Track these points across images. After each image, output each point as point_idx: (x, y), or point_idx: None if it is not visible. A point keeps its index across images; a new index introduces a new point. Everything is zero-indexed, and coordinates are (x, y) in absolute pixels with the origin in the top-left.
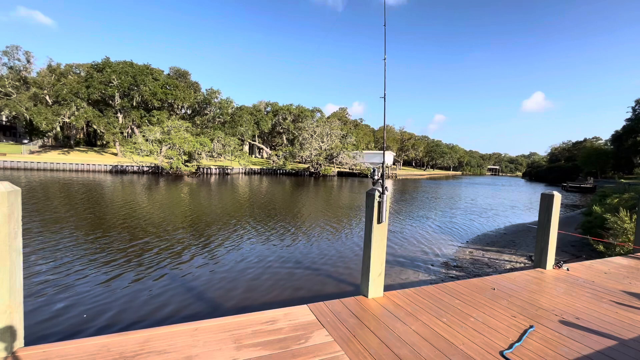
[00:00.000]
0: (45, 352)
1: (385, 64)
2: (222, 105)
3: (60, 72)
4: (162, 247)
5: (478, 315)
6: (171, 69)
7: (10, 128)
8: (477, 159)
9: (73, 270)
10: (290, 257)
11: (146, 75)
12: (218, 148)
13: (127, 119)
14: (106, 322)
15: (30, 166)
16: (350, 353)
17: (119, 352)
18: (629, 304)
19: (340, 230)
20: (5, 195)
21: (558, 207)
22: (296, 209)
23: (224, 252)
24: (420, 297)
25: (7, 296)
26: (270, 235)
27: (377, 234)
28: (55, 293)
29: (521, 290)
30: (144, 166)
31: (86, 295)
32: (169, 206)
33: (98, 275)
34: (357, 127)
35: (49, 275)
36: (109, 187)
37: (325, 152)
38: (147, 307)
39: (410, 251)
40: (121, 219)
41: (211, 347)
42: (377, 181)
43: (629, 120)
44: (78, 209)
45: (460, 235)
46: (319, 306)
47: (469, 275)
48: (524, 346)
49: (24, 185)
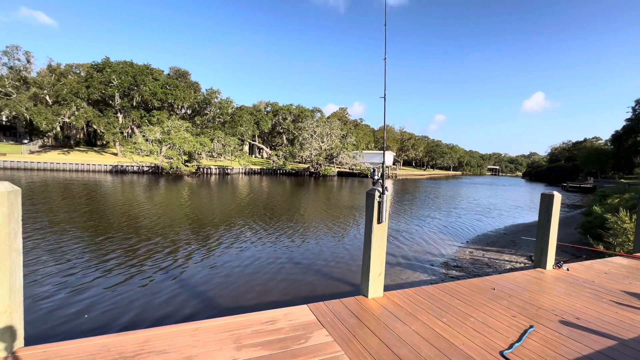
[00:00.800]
0: (45, 352)
1: (386, 64)
2: (222, 105)
3: (60, 72)
4: (161, 246)
5: (478, 315)
6: (171, 69)
7: (10, 128)
8: (477, 159)
9: (73, 270)
10: (290, 257)
11: (146, 75)
12: (218, 148)
13: (127, 119)
14: (106, 322)
15: (30, 166)
16: (350, 353)
17: (119, 352)
18: (629, 304)
19: (340, 231)
20: (5, 195)
21: (558, 207)
22: (296, 209)
23: (224, 252)
24: (420, 297)
25: (7, 296)
26: (270, 235)
27: (377, 234)
28: (55, 293)
29: (521, 290)
30: (144, 166)
31: (86, 295)
32: (169, 206)
33: (98, 275)
34: (357, 127)
35: (49, 275)
36: (109, 187)
37: (325, 152)
38: (146, 306)
39: (410, 251)
40: (121, 219)
41: (211, 347)
42: (377, 181)
43: (629, 120)
44: (78, 209)
45: (460, 235)
46: (319, 306)
47: (469, 275)
48: (524, 346)
49: (24, 185)
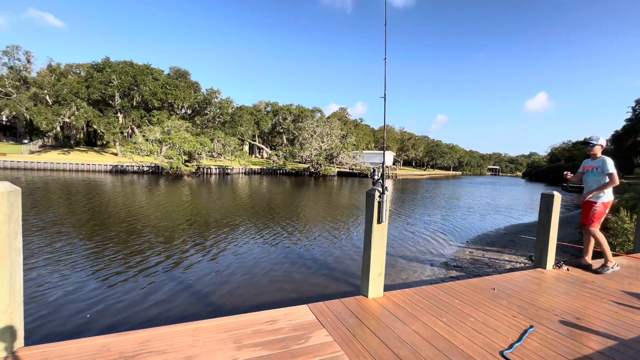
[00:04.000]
0: (45, 352)
1: (386, 64)
2: (222, 105)
3: (60, 72)
4: (160, 246)
5: (478, 315)
6: (171, 69)
7: (10, 128)
8: (477, 159)
9: (73, 270)
10: (291, 257)
11: (146, 75)
12: (218, 148)
13: (127, 119)
14: (106, 322)
15: (31, 166)
16: (350, 353)
17: (119, 352)
18: (629, 304)
19: (340, 231)
20: (5, 195)
21: (558, 207)
22: (296, 209)
23: (223, 251)
24: (420, 297)
25: (7, 296)
26: (270, 235)
27: (377, 234)
28: (54, 292)
29: (521, 290)
30: (144, 166)
31: (86, 295)
32: (169, 206)
33: (98, 274)
34: (357, 127)
35: (48, 275)
36: (109, 187)
37: (325, 152)
38: (146, 306)
39: (410, 251)
40: (121, 219)
41: (211, 347)
42: (377, 181)
43: (629, 120)
44: (78, 209)
45: (460, 235)
46: (319, 306)
47: (469, 275)
48: (524, 346)
49: (24, 185)
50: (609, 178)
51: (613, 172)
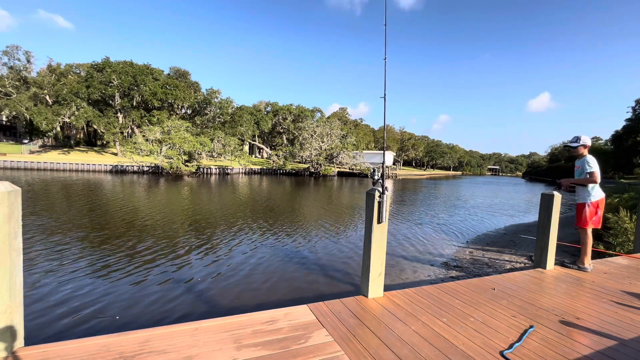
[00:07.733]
0: (45, 352)
1: (386, 64)
2: (222, 105)
3: (60, 72)
4: (160, 245)
5: (478, 315)
6: (171, 69)
7: (10, 128)
8: (477, 159)
9: (72, 270)
10: (291, 257)
11: (146, 75)
12: (218, 148)
13: (127, 119)
14: (106, 322)
15: (31, 166)
16: (350, 353)
17: (119, 352)
18: (629, 304)
19: (340, 231)
20: (6, 195)
21: (558, 207)
22: (296, 209)
23: (223, 251)
24: (420, 297)
25: (7, 296)
26: (270, 235)
27: (377, 234)
28: (54, 293)
29: (521, 290)
30: (144, 166)
31: (86, 294)
32: (169, 206)
33: (98, 274)
34: (357, 127)
35: (48, 275)
36: (109, 187)
37: (325, 152)
38: (146, 306)
39: (410, 251)
40: (121, 219)
41: (211, 347)
42: (377, 181)
43: (629, 120)
44: (78, 209)
45: (460, 235)
46: (319, 306)
47: (469, 275)
48: (524, 346)
49: (24, 185)
50: (589, 176)
51: (592, 171)
